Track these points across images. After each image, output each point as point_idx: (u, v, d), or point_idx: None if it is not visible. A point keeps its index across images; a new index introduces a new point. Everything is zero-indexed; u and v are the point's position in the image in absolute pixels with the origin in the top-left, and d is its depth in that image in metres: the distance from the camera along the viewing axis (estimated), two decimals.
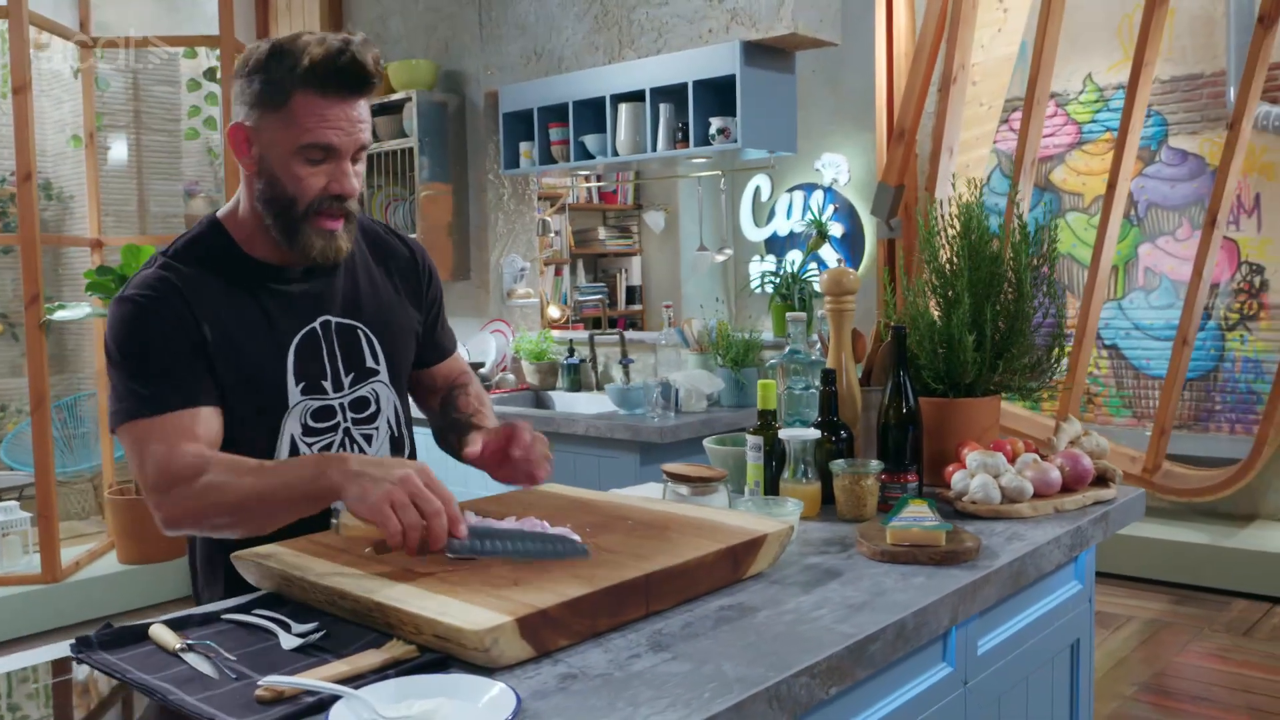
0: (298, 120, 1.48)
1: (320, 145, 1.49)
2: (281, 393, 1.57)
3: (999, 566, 1.53)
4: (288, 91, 1.48)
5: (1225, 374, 6.11)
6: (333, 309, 1.64)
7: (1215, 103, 6.06)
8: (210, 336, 1.52)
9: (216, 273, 1.56)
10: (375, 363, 1.68)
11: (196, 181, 7.05)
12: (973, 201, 2.04)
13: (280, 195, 1.52)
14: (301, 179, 1.51)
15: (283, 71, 1.48)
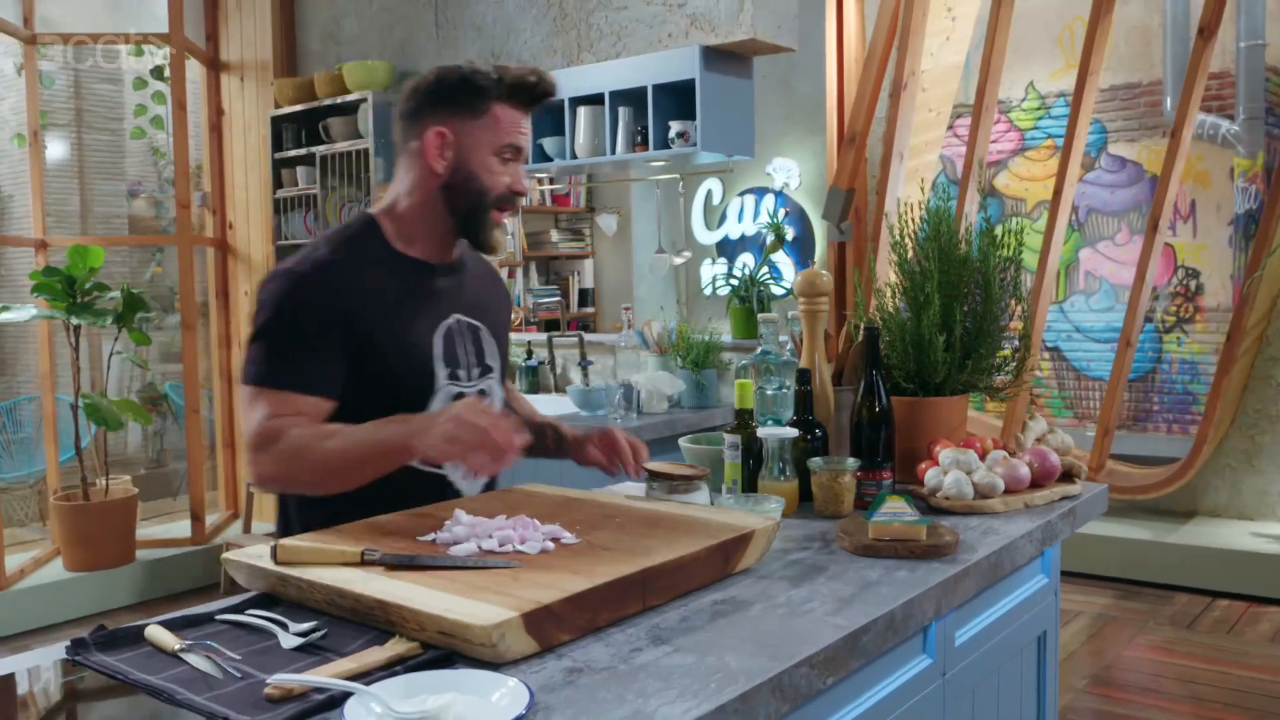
0: (499, 125, 1.75)
1: (513, 145, 1.77)
2: (430, 373, 1.75)
3: (977, 560, 1.58)
4: (489, 102, 1.74)
5: (1163, 375, 6.27)
6: (462, 308, 1.84)
7: (1152, 111, 6.23)
8: (365, 315, 1.68)
9: (368, 261, 1.74)
10: (492, 361, 1.88)
11: (139, 182, 6.94)
12: (942, 206, 2.09)
13: (473, 189, 1.75)
14: (494, 173, 1.76)
15: (486, 84, 1.74)
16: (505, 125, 1.75)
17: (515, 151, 1.77)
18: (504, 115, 1.75)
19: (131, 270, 6.79)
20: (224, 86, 5.59)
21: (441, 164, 1.74)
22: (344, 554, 1.36)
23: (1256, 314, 4.79)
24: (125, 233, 6.78)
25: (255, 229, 5.48)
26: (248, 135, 5.49)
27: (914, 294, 2.09)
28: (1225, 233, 5.97)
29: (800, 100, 6.27)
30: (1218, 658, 3.84)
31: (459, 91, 1.74)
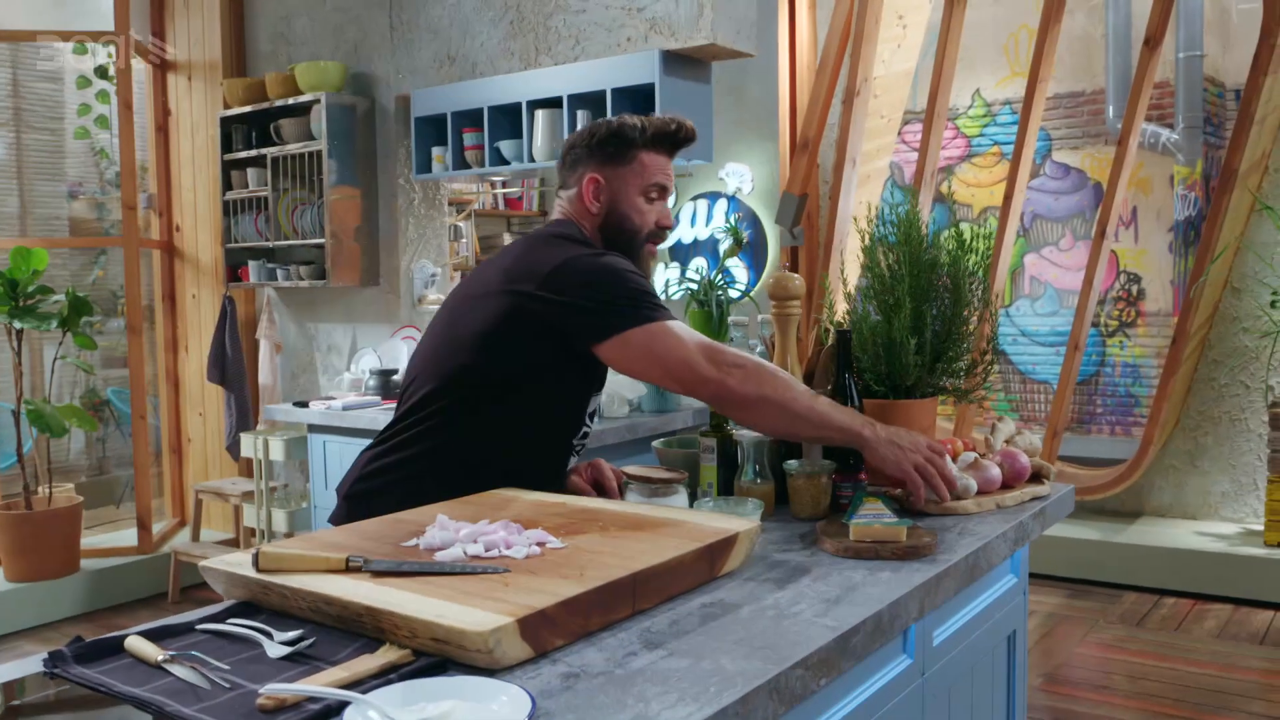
0: (645, 169, 1.97)
1: (658, 185, 1.99)
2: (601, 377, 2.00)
3: (957, 561, 1.59)
4: (636, 150, 1.96)
5: (1106, 378, 6.40)
6: None
7: (1095, 119, 6.36)
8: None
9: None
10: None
11: (80, 183, 6.79)
12: (913, 211, 2.11)
13: (626, 228, 1.97)
14: (643, 212, 1.98)
15: (633, 135, 1.96)
16: (650, 169, 1.97)
17: (661, 191, 2.00)
18: (649, 160, 1.97)
19: (73, 274, 6.63)
20: (171, 86, 5.49)
21: (596, 205, 1.96)
22: (328, 560, 1.34)
23: (1199, 318, 4.90)
24: (65, 234, 6.62)
25: (204, 231, 5.38)
26: (195, 136, 5.39)
27: (884, 297, 2.10)
28: (1166, 239, 6.11)
29: (752, 106, 6.30)
30: (1166, 654, 3.92)
31: (609, 142, 1.96)
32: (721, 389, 1.76)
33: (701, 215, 6.55)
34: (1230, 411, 5.11)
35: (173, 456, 5.60)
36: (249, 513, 4.63)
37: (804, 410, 1.75)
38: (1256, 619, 4.27)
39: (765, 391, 1.75)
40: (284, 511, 4.45)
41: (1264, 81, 4.52)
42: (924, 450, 1.76)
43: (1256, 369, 5.03)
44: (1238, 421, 5.09)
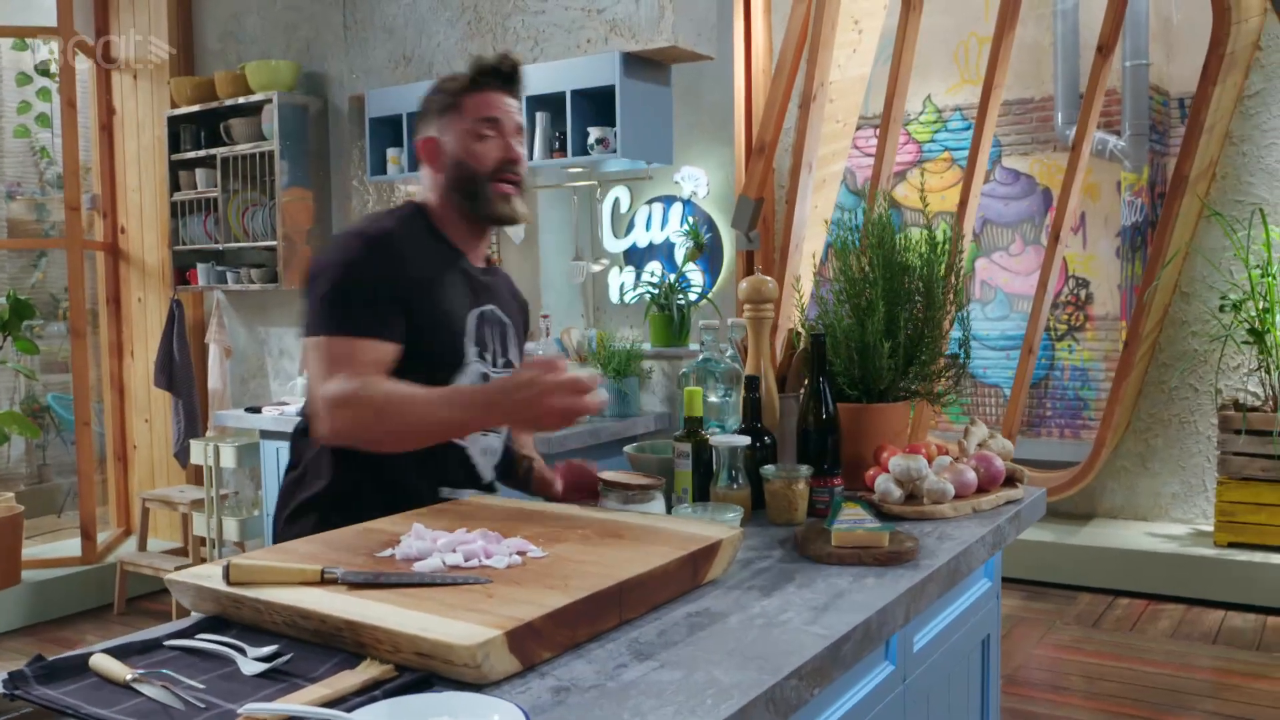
0: (467, 109, 1.87)
1: (485, 119, 1.87)
2: (460, 349, 1.84)
3: (939, 566, 1.57)
4: (459, 97, 1.89)
5: (1055, 382, 6.47)
6: (495, 301, 1.94)
7: (1044, 126, 6.44)
8: (413, 295, 1.77)
9: (420, 236, 1.87)
10: (512, 356, 1.97)
11: (19, 183, 6.62)
12: (885, 214, 2.10)
13: (464, 175, 1.87)
14: (477, 154, 1.86)
15: (451, 86, 1.90)
16: (474, 107, 1.87)
17: (491, 124, 1.87)
18: (471, 101, 1.87)
19: (11, 277, 6.46)
20: (116, 84, 5.35)
21: (437, 166, 1.90)
22: (302, 572, 1.29)
23: (1149, 323, 4.97)
24: (3, 236, 6.45)
25: (150, 233, 5.26)
26: (141, 135, 5.26)
27: (857, 300, 2.09)
28: (1113, 244, 6.20)
29: (708, 110, 6.29)
30: (1122, 654, 3.96)
31: (435, 100, 1.91)
32: (326, 433, 1.69)
33: (657, 219, 6.52)
34: (1180, 414, 5.18)
35: (118, 464, 5.46)
36: (198, 521, 4.52)
37: (423, 418, 1.65)
38: (1208, 618, 4.33)
39: (360, 424, 1.65)
40: (235, 519, 4.35)
41: (1213, 90, 4.59)
42: (542, 393, 1.58)
43: (1205, 372, 5.11)
44: (1187, 424, 5.17)
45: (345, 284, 1.73)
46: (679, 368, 3.82)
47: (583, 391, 1.60)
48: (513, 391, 1.60)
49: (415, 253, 1.82)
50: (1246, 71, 4.98)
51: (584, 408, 1.60)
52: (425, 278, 1.81)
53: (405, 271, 1.77)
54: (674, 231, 6.39)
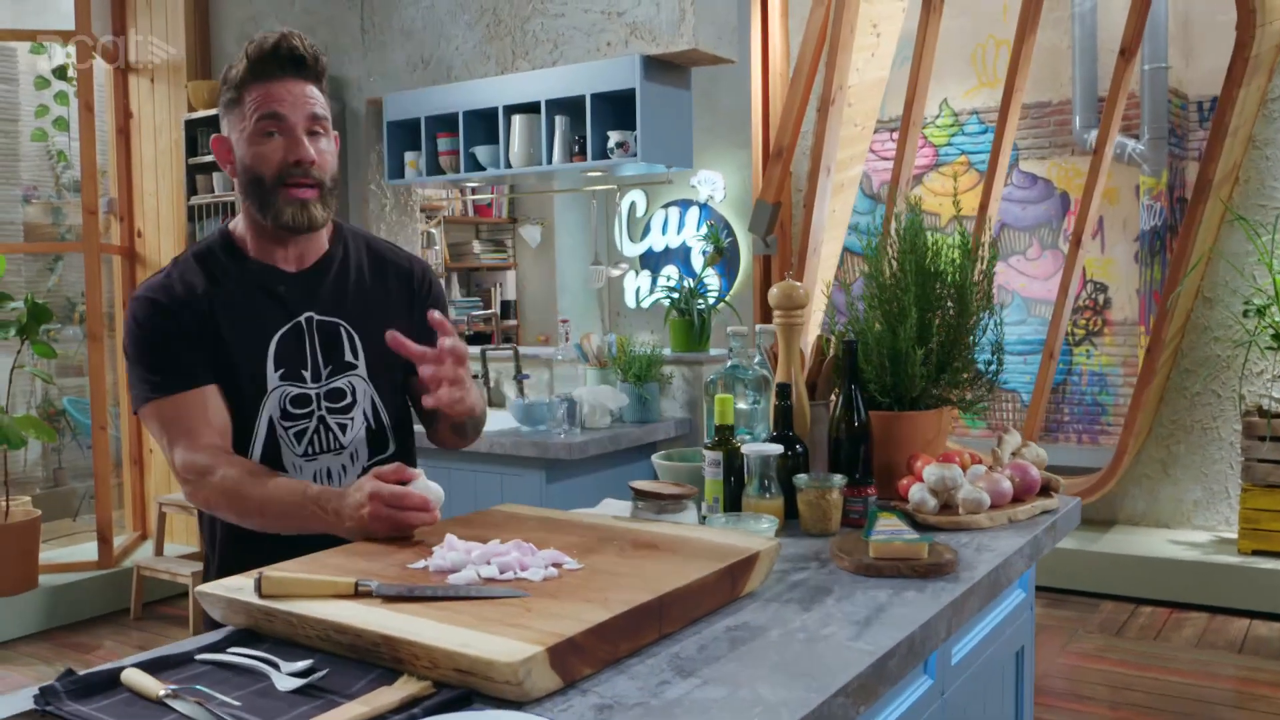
0: (248, 104, 1.65)
1: (267, 115, 1.64)
2: (261, 378, 1.70)
3: (979, 578, 1.54)
4: (241, 89, 1.67)
5: (1073, 386, 6.43)
6: (318, 307, 1.75)
7: (1062, 129, 6.40)
8: (207, 335, 1.68)
9: (219, 274, 1.72)
10: (354, 357, 1.78)
11: (35, 187, 6.63)
12: (917, 218, 2.07)
13: (251, 177, 1.67)
14: (262, 154, 1.65)
15: (233, 78, 1.67)
16: (251, 102, 1.65)
17: (274, 120, 1.64)
18: (250, 95, 1.65)
19: (28, 280, 6.46)
20: (133, 88, 5.35)
21: (230, 168, 1.72)
22: (335, 585, 1.27)
23: (1172, 328, 4.92)
24: (19, 239, 6.45)
25: (167, 237, 5.25)
26: (158, 139, 5.26)
27: (888, 306, 2.06)
28: (1131, 248, 6.15)
29: (724, 113, 6.27)
30: (1147, 664, 3.91)
31: (223, 95, 1.71)
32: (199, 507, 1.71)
33: (673, 223, 6.51)
34: (1202, 420, 5.14)
35: (134, 468, 5.45)
36: None
37: (265, 506, 1.59)
38: (1233, 627, 4.29)
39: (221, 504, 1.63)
40: None
41: (1237, 93, 4.55)
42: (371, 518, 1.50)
43: (1228, 378, 5.06)
44: (1210, 430, 5.12)
45: (139, 348, 1.67)
46: (699, 373, 3.79)
47: (413, 507, 1.50)
48: (336, 499, 1.54)
49: (204, 287, 1.69)
50: (1270, 74, 4.93)
51: (411, 523, 1.51)
52: (211, 312, 1.68)
53: (191, 312, 1.67)
54: (691, 235, 6.38)
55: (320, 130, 1.69)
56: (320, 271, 1.77)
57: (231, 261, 1.73)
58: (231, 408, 1.69)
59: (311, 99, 1.67)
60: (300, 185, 1.66)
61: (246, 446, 1.70)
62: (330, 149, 1.71)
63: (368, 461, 1.78)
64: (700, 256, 6.31)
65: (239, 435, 1.70)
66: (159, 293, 1.69)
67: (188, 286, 1.69)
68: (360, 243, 1.85)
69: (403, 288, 1.85)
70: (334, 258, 1.79)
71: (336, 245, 1.81)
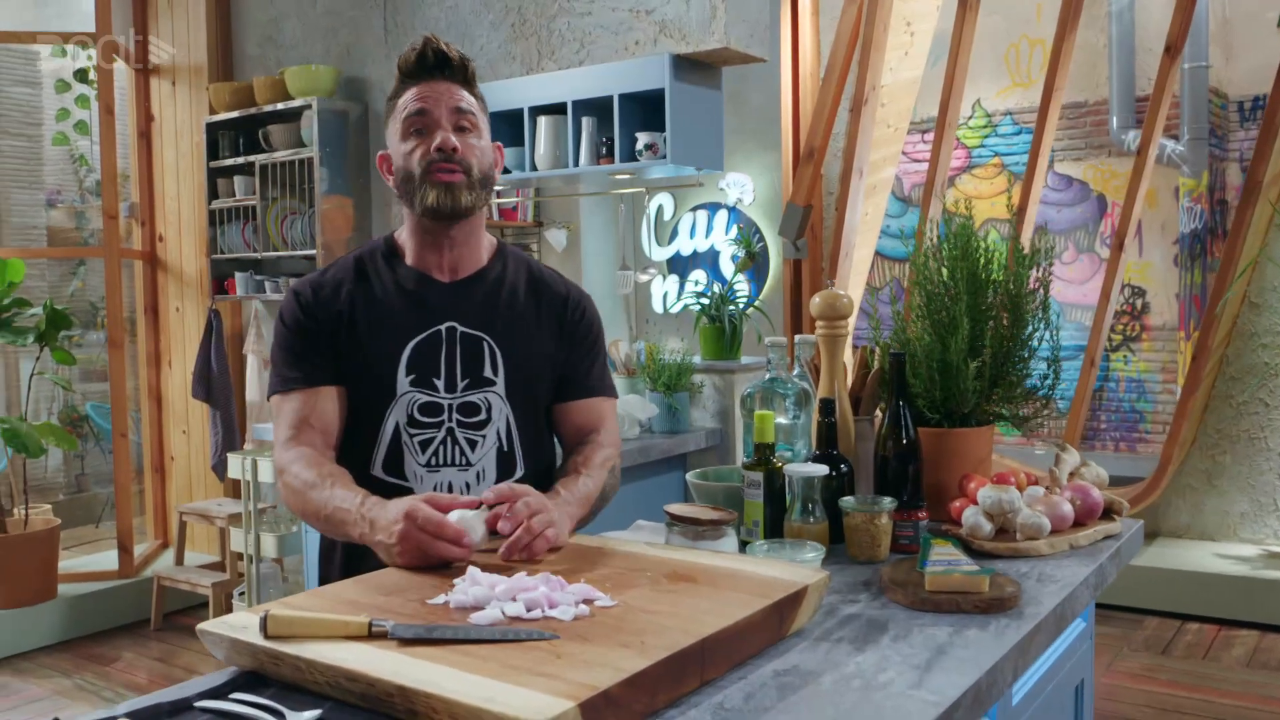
0: (396, 111, 1.72)
1: (413, 113, 1.69)
2: (391, 381, 1.70)
3: (1045, 614, 1.42)
4: (394, 99, 1.74)
5: (1110, 394, 6.28)
6: (462, 318, 1.75)
7: (1098, 130, 6.25)
8: (344, 330, 1.72)
9: (371, 276, 1.76)
10: (494, 374, 1.75)
11: (59, 190, 6.60)
12: (968, 223, 1.95)
13: (403, 175, 1.71)
14: (408, 154, 1.70)
15: (392, 89, 1.76)
16: (399, 106, 1.72)
17: (419, 117, 1.69)
18: (399, 101, 1.73)
19: (51, 285, 6.42)
20: (154, 91, 5.29)
21: (391, 179, 1.77)
22: (347, 625, 1.16)
23: (1219, 335, 4.76)
24: (43, 244, 6.42)
25: (188, 241, 5.18)
26: (180, 142, 5.19)
27: (937, 316, 1.94)
28: (1170, 252, 6.00)
29: (753, 114, 6.15)
30: (1197, 684, 3.76)
31: (385, 112, 1.79)
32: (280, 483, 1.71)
33: (701, 226, 6.39)
34: (1249, 430, 4.97)
35: (155, 475, 5.39)
36: (235, 536, 4.43)
37: (317, 512, 1.61)
38: None
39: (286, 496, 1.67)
40: (273, 536, 4.25)
41: None
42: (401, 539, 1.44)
43: (1276, 385, 4.89)
44: (1257, 440, 4.95)
45: (276, 340, 1.76)
46: (731, 381, 3.67)
47: (445, 538, 1.42)
48: (378, 509, 1.50)
49: (350, 287, 1.74)
50: None
51: (439, 553, 1.42)
52: (351, 313, 1.72)
53: (329, 311, 1.72)
54: (719, 239, 6.25)
55: (468, 125, 1.71)
56: (472, 284, 1.78)
57: (387, 265, 1.77)
58: (360, 410, 1.72)
59: (456, 95, 1.71)
60: (442, 171, 1.68)
61: (372, 450, 1.71)
62: (481, 145, 1.73)
63: (495, 482, 1.72)
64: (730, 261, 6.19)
65: (365, 438, 1.71)
66: (305, 288, 1.75)
67: (335, 285, 1.74)
68: (520, 265, 1.85)
69: (553, 314, 1.84)
70: (489, 273, 1.80)
71: (495, 262, 1.82)
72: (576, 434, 1.85)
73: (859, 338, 5.81)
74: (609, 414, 1.90)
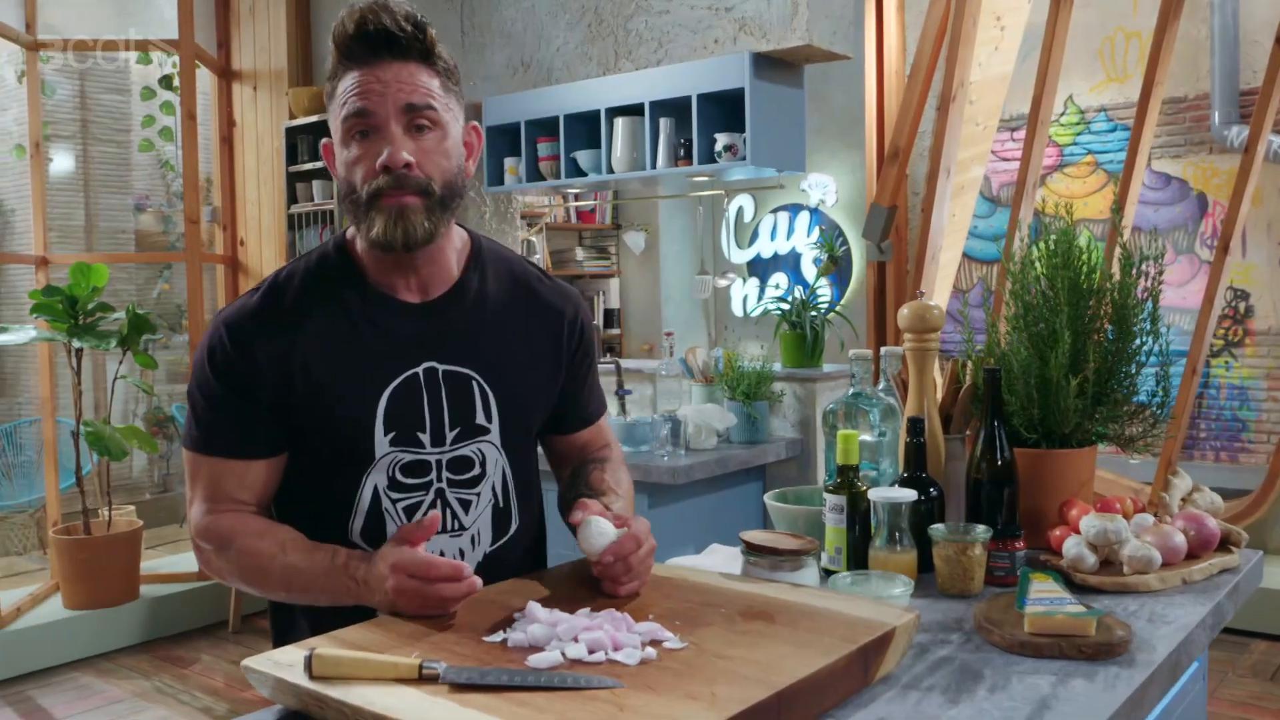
0: (338, 97, 1.36)
1: (354, 113, 1.34)
2: (368, 442, 1.40)
3: (1159, 662, 1.29)
4: (334, 82, 1.38)
5: (1210, 401, 5.99)
6: (443, 354, 1.44)
7: (1199, 126, 5.96)
8: (297, 376, 1.38)
9: (327, 299, 1.41)
10: (486, 419, 1.47)
11: (147, 195, 6.71)
12: (1069, 229, 1.82)
13: (346, 190, 1.37)
14: (352, 162, 1.35)
15: (329, 67, 1.38)
16: (337, 97, 1.36)
17: (360, 118, 1.33)
18: (339, 89, 1.36)
19: (139, 287, 6.54)
20: (236, 96, 5.33)
21: (335, 182, 1.45)
22: (396, 667, 1.08)
23: None
24: (132, 248, 6.53)
25: (268, 246, 5.22)
26: (260, 147, 5.23)
27: (1035, 328, 1.81)
28: (1276, 253, 5.70)
29: (835, 113, 6.01)
30: None
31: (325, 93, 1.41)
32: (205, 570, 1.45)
33: (782, 229, 6.27)
34: None
35: None
36: None
37: (288, 577, 1.35)
38: None
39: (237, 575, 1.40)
40: None
41: None
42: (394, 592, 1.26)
43: None
44: None
45: (197, 389, 1.41)
46: (812, 390, 3.55)
47: (441, 577, 1.24)
48: (365, 568, 1.30)
49: (298, 318, 1.39)
50: None
51: (442, 595, 1.24)
52: (304, 359, 1.38)
53: (268, 358, 1.37)
54: (800, 241, 6.13)
55: (425, 122, 1.35)
56: (448, 305, 1.45)
57: (345, 284, 1.42)
58: (329, 473, 1.42)
59: (408, 84, 1.33)
60: (395, 191, 1.33)
61: (347, 516, 1.42)
62: (443, 145, 1.37)
63: (490, 547, 1.50)
64: (811, 265, 6.06)
65: (338, 503, 1.42)
66: (239, 324, 1.39)
67: (277, 316, 1.39)
68: (502, 269, 1.52)
69: (550, 335, 1.55)
70: (467, 288, 1.46)
71: (471, 272, 1.48)
72: (582, 454, 1.65)
73: (944, 343, 5.64)
74: (606, 426, 1.70)
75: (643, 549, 1.35)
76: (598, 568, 1.34)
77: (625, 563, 1.33)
